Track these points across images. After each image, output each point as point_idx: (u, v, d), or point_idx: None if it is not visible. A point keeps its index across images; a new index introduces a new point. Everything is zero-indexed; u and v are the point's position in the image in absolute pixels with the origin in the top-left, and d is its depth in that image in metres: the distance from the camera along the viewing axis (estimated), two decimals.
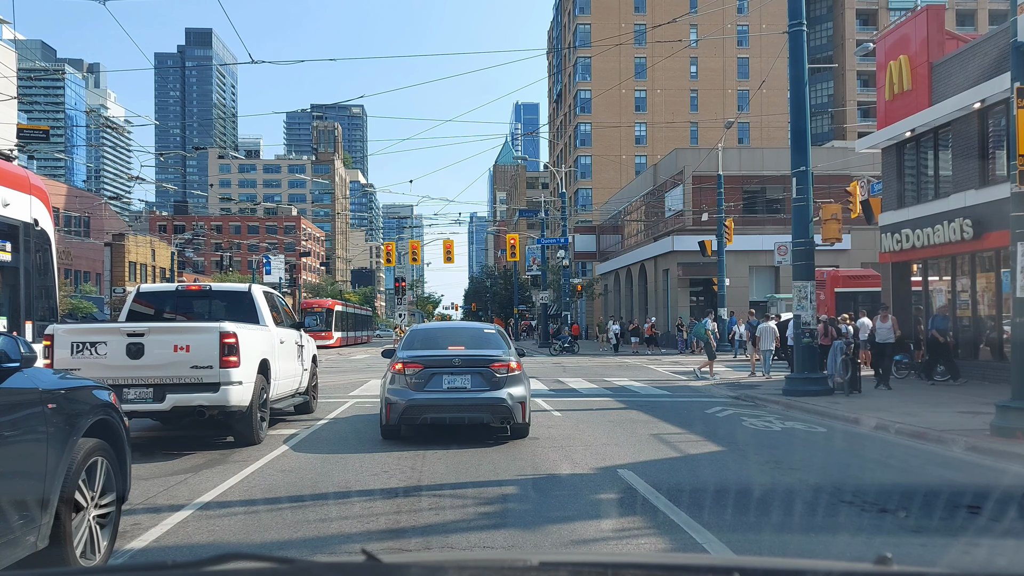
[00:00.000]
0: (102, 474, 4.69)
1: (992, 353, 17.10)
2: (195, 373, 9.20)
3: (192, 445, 9.84)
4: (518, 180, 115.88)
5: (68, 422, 4.35)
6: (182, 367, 9.19)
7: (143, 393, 9.14)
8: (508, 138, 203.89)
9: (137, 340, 9.18)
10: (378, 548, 4.86)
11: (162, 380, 9.19)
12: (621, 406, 14.29)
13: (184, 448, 9.62)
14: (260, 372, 10.09)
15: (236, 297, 11.41)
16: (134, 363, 9.11)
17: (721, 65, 75.23)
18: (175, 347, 9.23)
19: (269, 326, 11.04)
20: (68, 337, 9.29)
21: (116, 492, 4.88)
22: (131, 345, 9.16)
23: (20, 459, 3.99)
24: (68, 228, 58.94)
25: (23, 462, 4.01)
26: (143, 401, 9.13)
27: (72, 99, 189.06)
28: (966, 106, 16.85)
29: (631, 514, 6.34)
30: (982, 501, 6.74)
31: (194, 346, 9.24)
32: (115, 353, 9.12)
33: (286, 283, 67.00)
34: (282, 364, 11.25)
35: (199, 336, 9.33)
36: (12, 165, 12.37)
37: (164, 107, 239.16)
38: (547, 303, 49.40)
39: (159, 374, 9.19)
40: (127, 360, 9.11)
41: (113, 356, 9.11)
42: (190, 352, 9.20)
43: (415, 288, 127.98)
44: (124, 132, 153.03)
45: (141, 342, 9.18)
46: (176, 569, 1.61)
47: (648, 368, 25.08)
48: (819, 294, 20.80)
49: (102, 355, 9.11)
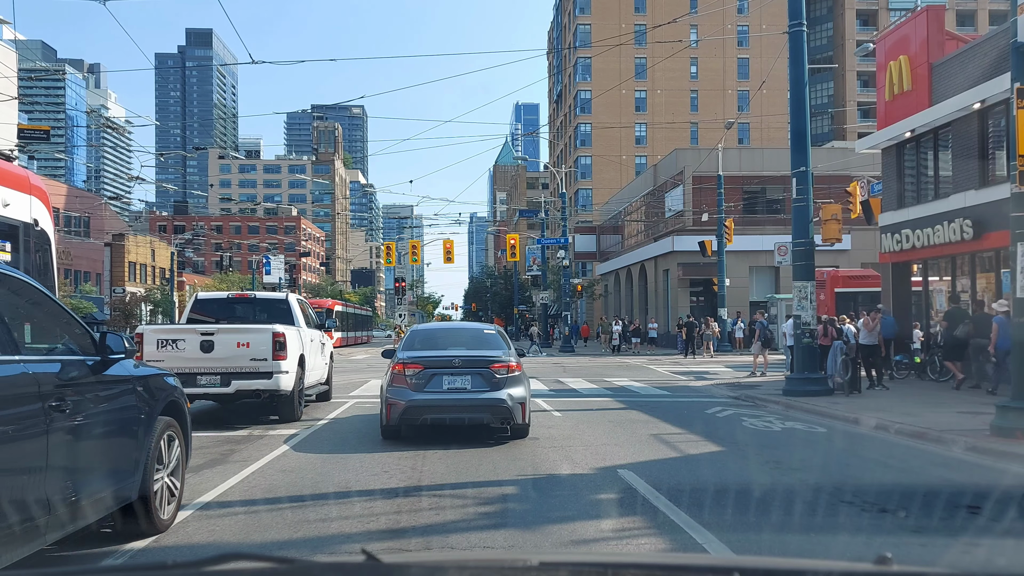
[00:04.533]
0: (174, 442, 5.88)
1: None
2: (253, 364, 11.42)
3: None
4: (518, 180, 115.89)
5: (151, 400, 5.54)
6: (243, 359, 11.40)
7: (213, 380, 11.34)
8: (508, 138, 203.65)
9: (209, 338, 11.41)
10: (378, 548, 4.85)
11: (228, 369, 11.38)
12: (621, 406, 14.29)
13: None
14: (299, 364, 12.19)
15: (276, 303, 13.45)
16: (206, 356, 11.30)
17: (721, 65, 75.22)
18: (238, 344, 11.47)
19: (302, 327, 12.92)
20: (155, 335, 11.49)
21: (182, 457, 6.04)
22: (204, 342, 11.40)
23: (124, 427, 5.14)
24: (68, 228, 58.93)
25: (126, 430, 5.16)
26: (213, 386, 11.35)
27: (72, 99, 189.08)
28: (966, 106, 16.84)
29: (631, 514, 6.35)
30: (982, 501, 6.74)
31: (253, 343, 11.47)
32: (191, 348, 11.30)
33: (286, 283, 66.96)
34: (312, 358, 13.20)
35: (257, 335, 11.55)
36: (12, 165, 12.38)
37: (164, 107, 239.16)
38: (547, 303, 49.39)
39: (225, 365, 11.38)
40: (200, 354, 11.30)
41: (190, 351, 11.27)
42: (250, 348, 11.43)
43: (415, 288, 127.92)
44: (124, 132, 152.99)
45: (212, 339, 11.41)
46: (176, 569, 1.62)
47: (648, 368, 25.08)
48: (819, 294, 20.80)
49: (181, 350, 11.24)
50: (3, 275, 4.42)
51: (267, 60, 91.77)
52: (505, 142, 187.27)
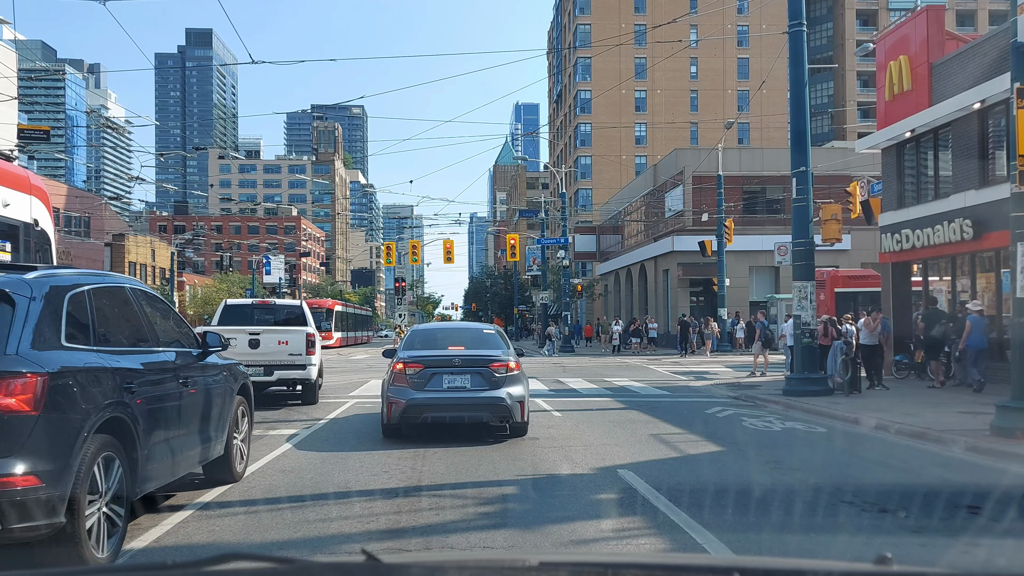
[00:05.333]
0: (245, 416, 7.83)
1: (992, 353, 17.09)
2: (291, 358, 14.19)
3: None
4: (518, 180, 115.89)
5: (233, 383, 7.51)
6: (283, 354, 14.17)
7: (258, 371, 13.54)
8: (508, 138, 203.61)
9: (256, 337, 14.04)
10: (378, 548, 4.85)
11: (271, 363, 14.07)
12: (621, 406, 14.29)
13: None
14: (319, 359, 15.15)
15: (292, 308, 15.93)
16: (253, 351, 13.84)
17: (721, 65, 75.20)
18: (279, 342, 14.25)
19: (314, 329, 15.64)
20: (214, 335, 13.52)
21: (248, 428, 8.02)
22: (252, 340, 14.08)
23: (218, 404, 7.00)
24: (68, 228, 58.93)
25: (219, 405, 7.03)
26: (258, 375, 13.38)
27: (72, 99, 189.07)
28: (966, 106, 16.84)
29: (631, 514, 6.35)
30: (982, 501, 6.74)
31: (291, 341, 14.29)
32: (242, 345, 13.60)
33: (286, 283, 66.99)
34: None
35: (294, 335, 14.38)
36: (12, 165, 12.38)
37: (164, 107, 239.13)
38: (547, 303, 49.37)
39: (269, 359, 14.05)
40: (249, 349, 13.84)
41: (240, 347, 13.38)
42: (288, 345, 14.24)
43: (415, 288, 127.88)
44: (124, 132, 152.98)
45: (258, 338, 14.07)
46: (176, 569, 1.62)
47: (648, 368, 25.07)
48: (819, 294, 20.78)
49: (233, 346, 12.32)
50: (147, 293, 6.51)
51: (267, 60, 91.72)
52: (505, 142, 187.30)
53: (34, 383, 4.37)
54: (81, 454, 4.58)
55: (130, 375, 5.37)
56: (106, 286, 5.79)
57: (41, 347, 4.62)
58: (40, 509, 4.29)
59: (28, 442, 4.32)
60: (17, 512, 4.21)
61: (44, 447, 4.38)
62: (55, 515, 4.36)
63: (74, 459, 4.52)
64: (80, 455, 4.57)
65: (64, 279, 5.28)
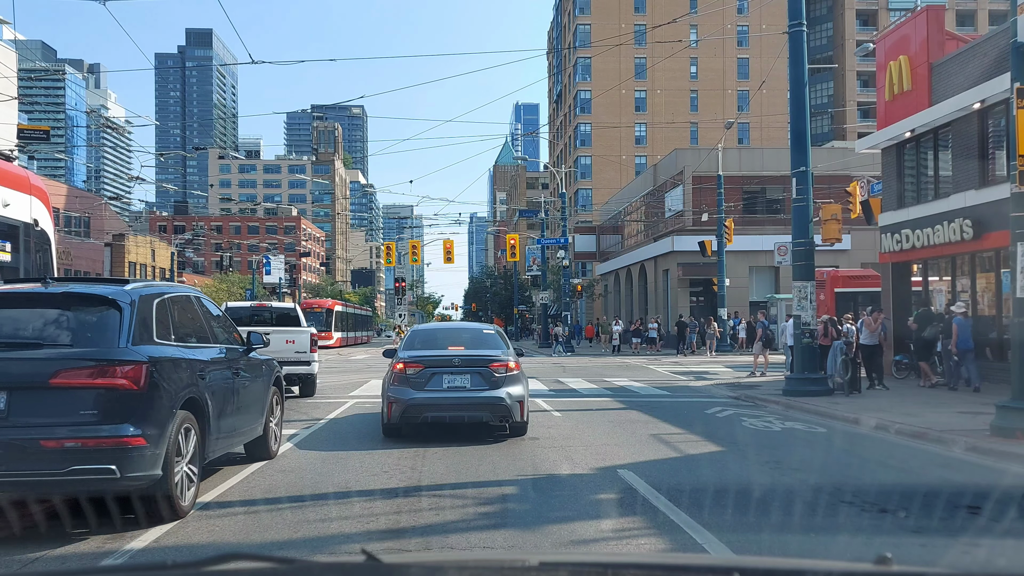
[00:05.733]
0: (278, 404, 9.13)
1: (992, 353, 17.10)
2: (297, 355, 15.64)
3: None
4: (518, 180, 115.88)
5: (269, 375, 8.85)
6: (291, 352, 15.42)
7: None
8: (508, 138, 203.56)
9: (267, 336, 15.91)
10: (378, 548, 4.85)
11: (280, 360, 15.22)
12: (621, 406, 14.28)
13: None
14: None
15: (287, 311, 17.40)
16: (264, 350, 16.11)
17: (721, 65, 75.18)
18: (287, 340, 15.47)
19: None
20: None
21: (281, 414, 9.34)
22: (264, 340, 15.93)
23: (259, 392, 8.34)
24: (68, 228, 58.93)
25: (260, 393, 8.35)
26: None
27: (72, 99, 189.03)
28: (966, 106, 16.83)
29: (631, 514, 6.35)
30: (982, 501, 6.74)
31: (297, 340, 15.82)
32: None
33: (286, 283, 66.96)
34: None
35: (299, 335, 15.99)
36: (12, 165, 12.39)
37: (164, 107, 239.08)
38: (547, 303, 49.37)
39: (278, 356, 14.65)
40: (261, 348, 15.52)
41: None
42: (295, 344, 15.72)
43: (415, 288, 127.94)
44: (124, 132, 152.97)
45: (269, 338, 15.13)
46: (176, 569, 1.62)
47: (648, 369, 25.07)
48: (819, 294, 20.77)
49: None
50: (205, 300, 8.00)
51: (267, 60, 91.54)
52: (505, 142, 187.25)
53: (139, 369, 5.66)
54: (171, 423, 5.92)
55: (200, 365, 6.75)
56: (178, 295, 7.24)
57: (140, 342, 5.93)
58: (145, 463, 5.57)
59: (136, 413, 5.59)
60: (132, 464, 5.47)
61: (147, 417, 5.67)
62: (155, 468, 5.66)
63: (167, 427, 5.85)
64: (171, 424, 5.92)
65: (151, 289, 6.62)
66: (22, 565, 5.00)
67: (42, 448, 5.29)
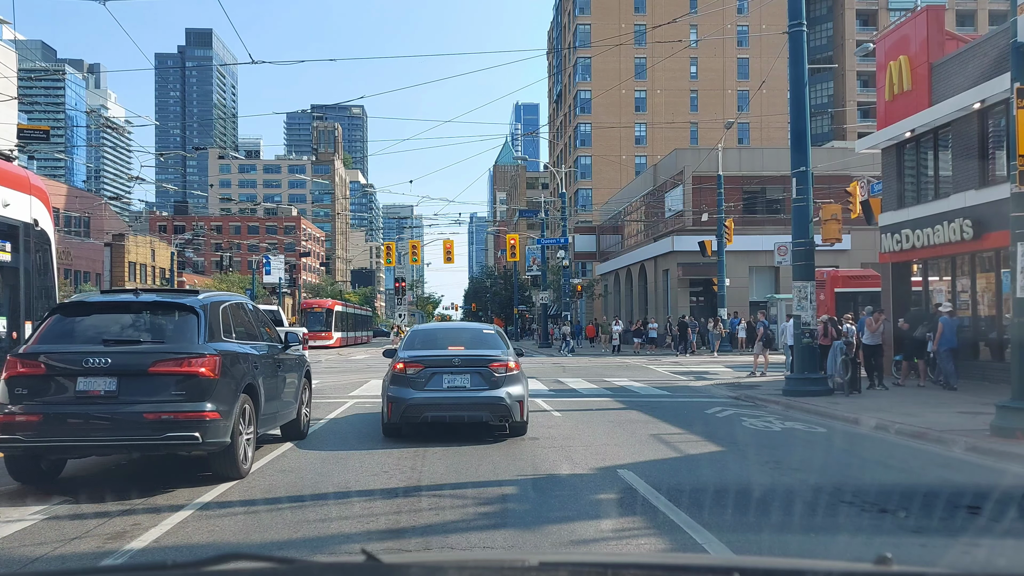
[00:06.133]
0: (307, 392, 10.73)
1: (992, 353, 17.10)
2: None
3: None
4: (518, 180, 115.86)
5: (301, 367, 10.42)
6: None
7: None
8: (508, 138, 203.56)
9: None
10: (378, 548, 4.85)
11: None
12: (621, 406, 14.28)
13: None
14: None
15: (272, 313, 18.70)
16: None
17: (721, 65, 75.17)
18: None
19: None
20: None
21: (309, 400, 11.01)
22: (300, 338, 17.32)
23: (294, 382, 9.87)
24: (68, 228, 58.92)
25: (295, 383, 9.89)
26: None
27: (72, 99, 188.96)
28: (966, 106, 16.83)
29: (631, 514, 6.34)
30: (982, 501, 6.74)
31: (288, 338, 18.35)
32: None
33: (286, 283, 66.95)
34: None
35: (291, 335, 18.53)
36: (12, 165, 12.38)
37: (164, 107, 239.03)
38: (547, 303, 49.37)
39: None
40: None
41: None
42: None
43: (415, 288, 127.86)
44: (124, 132, 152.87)
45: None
46: (176, 569, 1.62)
47: (648, 368, 25.07)
48: (819, 294, 20.77)
49: None
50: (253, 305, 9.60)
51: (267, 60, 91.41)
52: (505, 142, 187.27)
53: (214, 360, 7.26)
54: (236, 403, 7.54)
55: (253, 359, 8.29)
56: (234, 302, 8.80)
57: (211, 340, 7.49)
58: (219, 432, 7.18)
59: (212, 394, 7.17)
60: (209, 433, 7.08)
61: (220, 397, 7.26)
62: (226, 437, 7.28)
63: (234, 406, 7.47)
64: (236, 404, 7.54)
65: (215, 298, 8.21)
66: (22, 565, 5.01)
67: (145, 419, 6.91)
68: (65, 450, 7.21)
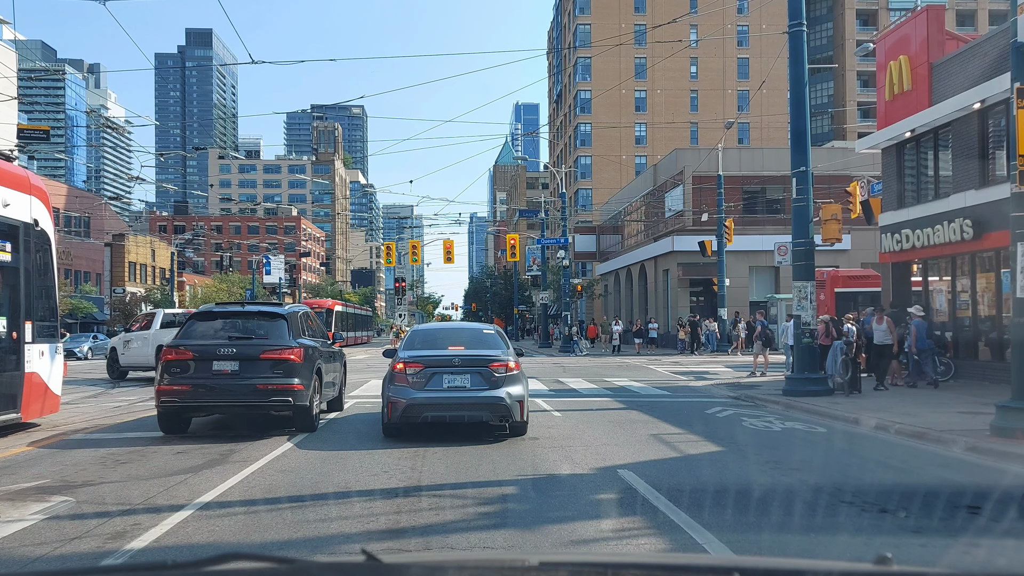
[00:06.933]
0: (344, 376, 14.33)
1: (992, 353, 17.10)
2: None
3: (191, 445, 9.84)
4: (518, 180, 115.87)
5: (342, 358, 14.10)
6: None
7: None
8: (508, 138, 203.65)
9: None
10: (378, 548, 4.85)
11: None
12: (621, 406, 14.28)
13: (183, 449, 9.62)
14: None
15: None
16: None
17: (721, 65, 75.18)
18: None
19: None
20: None
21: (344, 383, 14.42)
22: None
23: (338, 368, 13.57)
24: (68, 228, 58.93)
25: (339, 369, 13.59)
26: None
27: (72, 99, 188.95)
28: (966, 106, 16.83)
29: (631, 514, 6.34)
30: (982, 501, 6.74)
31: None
32: None
33: (286, 283, 66.95)
34: None
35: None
36: (12, 165, 12.38)
37: (164, 107, 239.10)
38: (547, 303, 49.36)
39: None
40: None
41: None
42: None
43: (415, 288, 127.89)
44: (124, 132, 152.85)
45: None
46: (176, 569, 1.62)
47: (648, 368, 25.07)
48: (819, 294, 20.78)
49: None
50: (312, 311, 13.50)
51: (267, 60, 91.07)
52: (505, 142, 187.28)
53: (300, 350, 10.62)
54: (312, 380, 10.77)
55: (319, 351, 11.53)
56: (304, 311, 12.35)
57: (296, 337, 10.86)
58: (303, 398, 10.47)
59: (299, 372, 10.47)
60: (297, 398, 10.39)
61: (303, 375, 10.55)
62: (306, 401, 10.51)
63: (311, 381, 10.72)
64: (312, 380, 10.78)
65: (293, 308, 11.86)
66: (22, 565, 5.01)
67: (257, 389, 10.27)
68: (205, 409, 10.63)
